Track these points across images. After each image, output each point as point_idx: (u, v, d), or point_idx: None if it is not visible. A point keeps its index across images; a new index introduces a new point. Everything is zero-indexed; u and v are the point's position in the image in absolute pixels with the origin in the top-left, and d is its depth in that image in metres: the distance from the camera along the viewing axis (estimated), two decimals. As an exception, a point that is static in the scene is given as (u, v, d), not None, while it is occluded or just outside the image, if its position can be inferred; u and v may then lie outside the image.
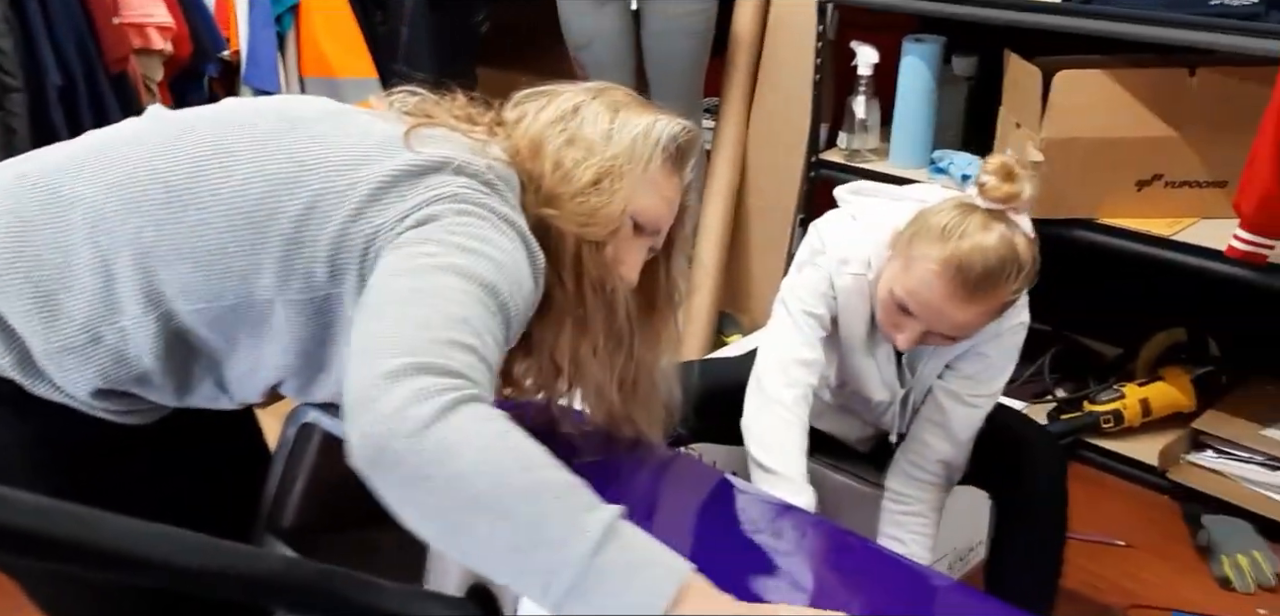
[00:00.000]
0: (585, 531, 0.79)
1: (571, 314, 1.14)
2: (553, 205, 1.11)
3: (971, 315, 1.40)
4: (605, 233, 1.12)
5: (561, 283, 1.12)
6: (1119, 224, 2.15)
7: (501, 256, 0.98)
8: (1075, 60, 2.14)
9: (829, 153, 2.60)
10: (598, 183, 1.11)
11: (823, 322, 1.55)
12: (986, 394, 1.57)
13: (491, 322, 0.93)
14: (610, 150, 1.12)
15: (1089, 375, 2.47)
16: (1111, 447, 2.29)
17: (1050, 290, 2.55)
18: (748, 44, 2.70)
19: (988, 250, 1.35)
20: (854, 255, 1.53)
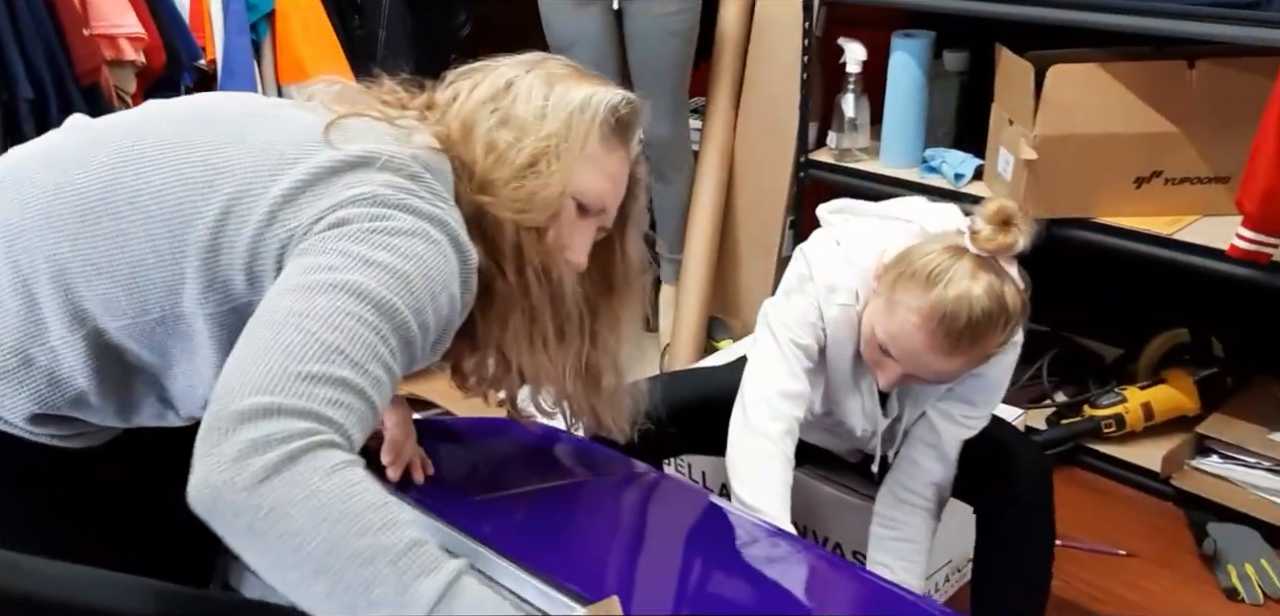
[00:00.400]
0: (418, 599, 0.79)
1: (517, 306, 1.08)
2: (488, 191, 1.05)
3: (954, 366, 1.34)
4: (545, 218, 1.06)
5: (503, 273, 1.07)
6: (1117, 223, 2.08)
7: (413, 267, 0.93)
8: (1069, 54, 2.07)
9: (819, 152, 2.53)
10: (533, 165, 1.05)
11: (810, 353, 1.48)
12: (981, 414, 1.51)
13: (381, 347, 0.89)
14: (545, 128, 1.06)
15: (1089, 377, 2.40)
16: (1113, 453, 2.22)
17: (1048, 289, 2.51)
18: (734, 43, 2.63)
19: (974, 301, 1.28)
20: (841, 284, 1.46)
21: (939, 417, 1.51)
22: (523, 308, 1.08)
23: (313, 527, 0.78)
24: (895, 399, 1.53)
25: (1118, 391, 2.25)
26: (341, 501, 0.80)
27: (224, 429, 0.80)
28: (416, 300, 0.92)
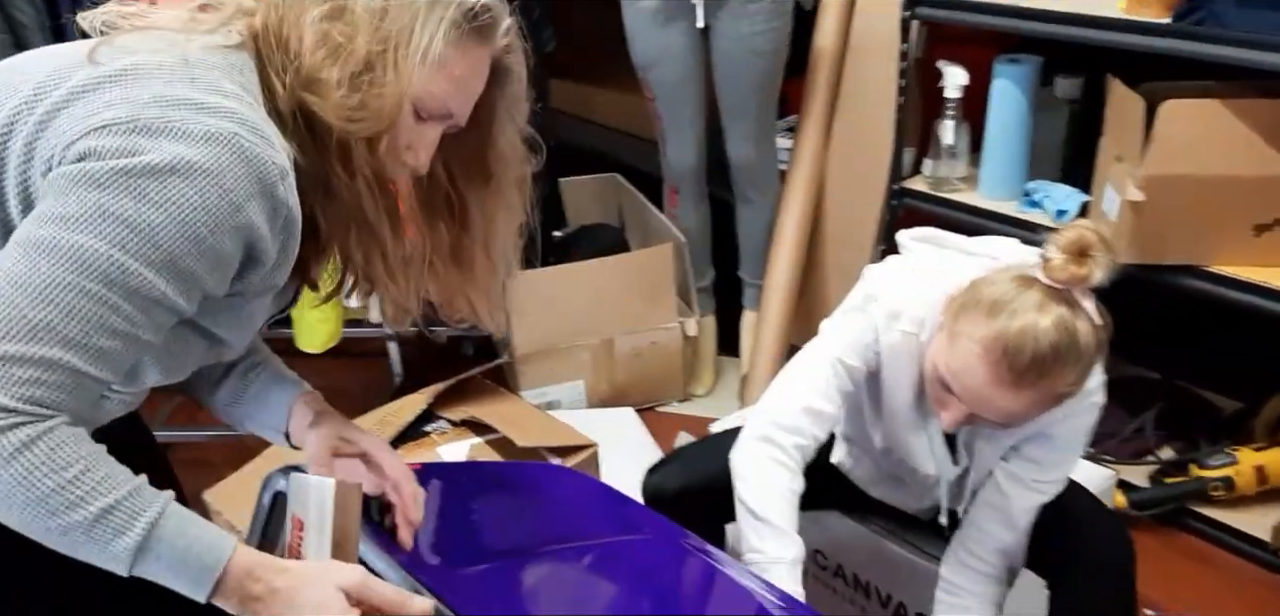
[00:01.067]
0: (117, 559, 0.87)
1: (353, 214, 1.00)
2: (314, 90, 0.95)
3: (1019, 404, 1.24)
4: (375, 129, 0.96)
5: (335, 173, 0.98)
6: (1233, 272, 1.92)
7: (163, 216, 0.85)
8: (1186, 87, 1.92)
9: (913, 180, 2.43)
10: (367, 69, 0.95)
11: (854, 376, 1.41)
12: (1052, 479, 1.41)
13: (110, 316, 0.85)
14: (384, 28, 0.95)
15: (1200, 433, 2.24)
16: (1220, 518, 2.07)
17: (1161, 333, 2.38)
18: (829, 62, 2.55)
19: (1040, 333, 1.19)
20: (905, 311, 1.38)
21: (1006, 479, 1.42)
22: (358, 218, 1.01)
23: (11, 516, 0.86)
24: (964, 449, 1.45)
25: (1228, 452, 2.09)
26: (25, 488, 0.84)
27: None
28: (164, 252, 0.86)
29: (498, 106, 1.09)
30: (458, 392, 2.04)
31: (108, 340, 0.86)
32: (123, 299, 0.86)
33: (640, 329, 2.61)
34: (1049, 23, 2.04)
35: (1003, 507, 1.42)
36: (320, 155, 0.97)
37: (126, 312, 0.87)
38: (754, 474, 1.39)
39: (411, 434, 1.93)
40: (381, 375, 2.76)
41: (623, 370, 2.62)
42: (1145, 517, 2.11)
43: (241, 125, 0.89)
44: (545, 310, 2.54)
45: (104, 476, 0.87)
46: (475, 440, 1.92)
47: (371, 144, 0.98)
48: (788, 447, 1.38)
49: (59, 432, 0.85)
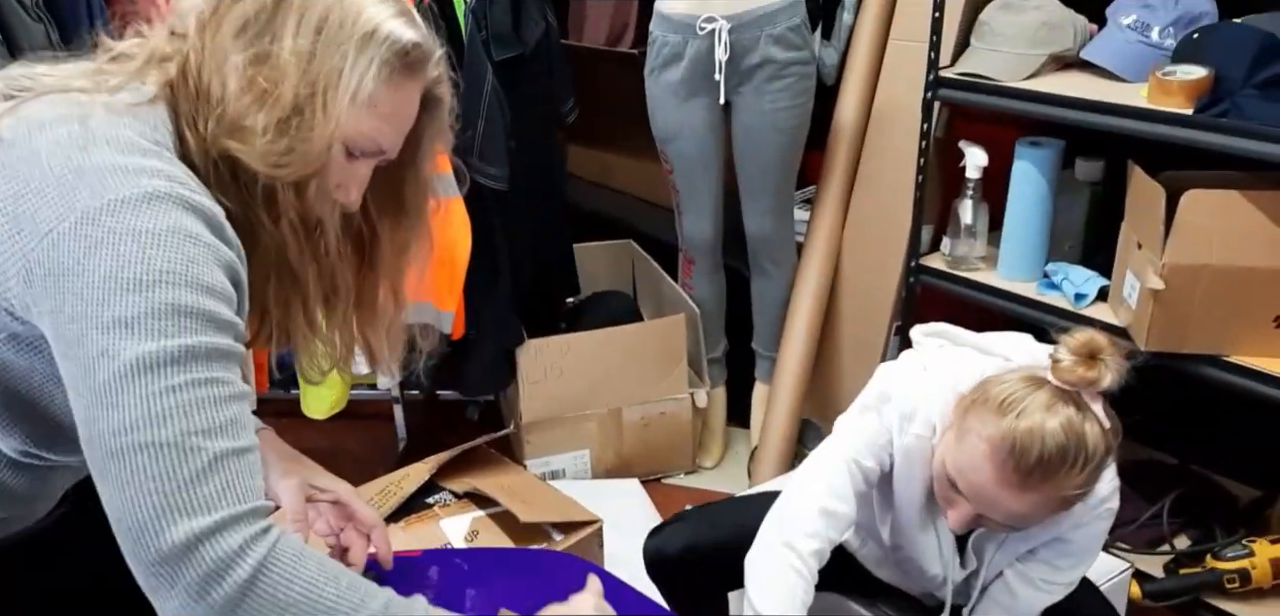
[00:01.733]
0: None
1: (276, 261, 0.98)
2: (238, 137, 0.92)
3: (1026, 506, 1.23)
4: (302, 173, 0.94)
5: (259, 220, 0.96)
6: (1253, 364, 1.90)
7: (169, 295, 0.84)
8: (1207, 177, 1.92)
9: (931, 257, 2.42)
10: (295, 114, 0.92)
11: (869, 476, 1.40)
12: (1063, 582, 1.39)
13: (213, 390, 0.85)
14: (312, 71, 0.92)
15: (1217, 521, 2.20)
16: (1236, 611, 2.02)
17: (1177, 420, 2.35)
18: (850, 136, 2.56)
19: (1048, 434, 1.19)
20: (919, 413, 1.38)
21: (1017, 580, 1.40)
22: (281, 265, 0.99)
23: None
24: (973, 551, 1.43)
25: (1245, 544, 2.05)
26: (311, 604, 0.84)
27: (162, 574, 0.81)
28: (196, 312, 0.85)
29: (424, 137, 1.06)
30: (461, 462, 2.00)
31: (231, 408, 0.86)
32: (202, 364, 0.85)
33: (649, 399, 2.59)
34: (1072, 109, 2.04)
35: (1010, 607, 1.40)
36: (243, 203, 0.95)
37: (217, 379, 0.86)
38: (768, 581, 1.36)
39: (414, 506, 1.90)
40: (386, 438, 2.74)
41: (630, 440, 2.60)
42: (1160, 608, 2.07)
43: (170, 180, 0.88)
44: (555, 379, 2.53)
45: (364, 580, 0.89)
46: (478, 513, 1.89)
47: (299, 188, 0.96)
48: (805, 555, 1.36)
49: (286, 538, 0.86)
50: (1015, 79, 2.13)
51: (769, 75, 2.35)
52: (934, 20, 2.20)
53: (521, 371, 2.51)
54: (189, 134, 0.94)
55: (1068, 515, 1.32)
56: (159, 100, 0.94)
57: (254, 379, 2.27)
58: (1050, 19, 2.14)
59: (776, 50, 2.32)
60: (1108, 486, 1.34)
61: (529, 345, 2.51)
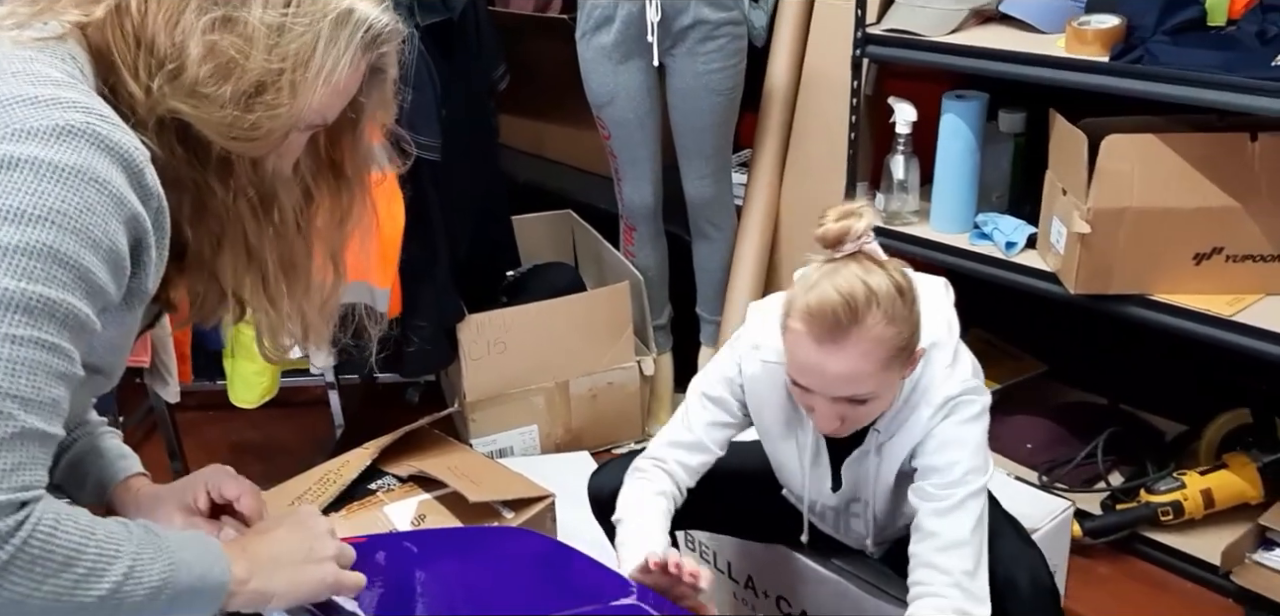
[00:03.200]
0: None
1: (231, 234, 0.95)
2: (197, 104, 0.87)
3: (847, 361, 1.31)
4: (264, 150, 0.91)
5: (212, 189, 0.92)
6: (1175, 301, 1.96)
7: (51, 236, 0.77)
8: (1126, 123, 1.97)
9: (865, 214, 2.45)
10: (260, 91, 0.87)
11: (723, 406, 1.53)
12: (953, 480, 1.41)
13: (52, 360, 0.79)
14: (283, 47, 0.87)
15: (1148, 457, 2.28)
16: (1171, 543, 2.10)
17: (1108, 360, 2.42)
18: (782, 98, 2.58)
19: (835, 289, 1.30)
20: (766, 341, 1.48)
21: (917, 498, 1.43)
22: (236, 238, 0.95)
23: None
24: (848, 474, 1.51)
25: (1176, 476, 2.12)
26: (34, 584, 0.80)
27: None
28: (71, 268, 0.79)
29: (366, 106, 1.03)
30: (404, 445, 1.97)
31: (58, 388, 0.80)
32: (55, 331, 0.79)
33: (596, 370, 2.60)
34: (994, 60, 2.09)
35: (929, 528, 1.42)
36: (194, 167, 0.91)
37: (63, 349, 0.80)
38: (622, 498, 1.53)
39: (356, 493, 1.86)
40: (322, 427, 2.66)
41: (578, 413, 2.61)
42: (1099, 545, 2.14)
43: (88, 113, 0.81)
44: (498, 354, 2.52)
45: (105, 539, 0.84)
46: (424, 496, 1.86)
47: (256, 162, 0.93)
48: (648, 471, 1.53)
49: (46, 511, 0.80)
50: (939, 33, 2.16)
51: (701, 36, 2.35)
52: (859, -21, 2.22)
53: (463, 349, 2.49)
54: (129, 83, 0.87)
55: (925, 407, 1.41)
56: (69, 38, 0.87)
57: (176, 368, 2.20)
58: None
59: (707, 10, 2.33)
60: (968, 395, 1.41)
61: (470, 321, 2.49)
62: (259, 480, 1.18)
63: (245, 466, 1.16)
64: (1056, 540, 1.91)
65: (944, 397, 1.41)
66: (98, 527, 0.85)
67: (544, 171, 3.21)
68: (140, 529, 0.88)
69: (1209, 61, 1.80)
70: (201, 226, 0.93)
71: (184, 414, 2.49)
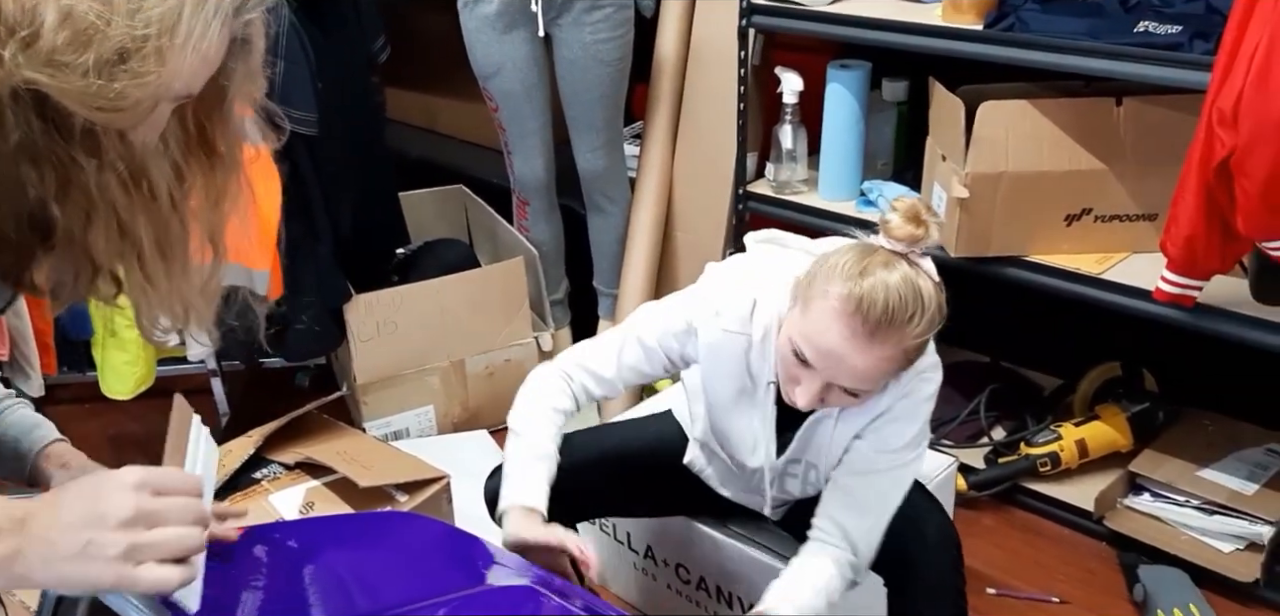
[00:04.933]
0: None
1: (102, 209, 0.89)
2: (54, 73, 0.80)
3: (872, 361, 1.30)
4: (132, 122, 0.86)
5: (77, 163, 0.86)
6: (1048, 261, 2.05)
7: None
8: (1001, 89, 2.04)
9: (757, 183, 2.48)
10: (121, 59, 0.81)
11: (653, 357, 1.52)
12: (892, 450, 1.45)
13: None
14: (145, 13, 0.81)
15: (1027, 412, 2.37)
16: (1049, 492, 2.19)
17: (987, 318, 2.51)
18: (672, 69, 2.58)
19: (890, 287, 1.27)
20: (730, 310, 1.46)
21: (856, 456, 1.46)
22: (107, 214, 0.89)
23: None
24: (800, 440, 1.50)
25: (1053, 428, 2.22)
26: None
27: None
28: None
29: (234, 80, 0.97)
30: (291, 432, 1.92)
31: None
32: None
33: (493, 347, 2.58)
34: (875, 30, 2.13)
35: (848, 487, 1.46)
36: (54, 141, 0.85)
37: None
38: (526, 401, 1.53)
39: (239, 483, 1.80)
40: (206, 415, 2.52)
41: (475, 391, 2.58)
42: (984, 497, 2.23)
43: None
44: (388, 334, 2.47)
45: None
46: (312, 483, 1.82)
47: (123, 136, 0.87)
48: (557, 388, 1.53)
49: None
50: (822, 3, 2.20)
51: (587, 6, 2.34)
52: (743, -51, 2.24)
53: (352, 330, 2.44)
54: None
55: (896, 383, 1.40)
56: None
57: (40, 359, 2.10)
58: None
59: (592, -19, 2.32)
60: (928, 358, 1.43)
61: (357, 301, 2.43)
62: None
63: (126, 459, 1.08)
64: (942, 494, 1.97)
65: (912, 370, 1.41)
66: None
67: (435, 146, 3.16)
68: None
69: (1076, 29, 1.87)
70: (69, 203, 0.87)
71: (55, 408, 2.35)
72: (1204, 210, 1.66)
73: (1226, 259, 1.73)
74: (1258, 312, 1.80)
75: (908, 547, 1.48)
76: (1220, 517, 2.00)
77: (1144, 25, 1.80)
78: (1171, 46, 1.75)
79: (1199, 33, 1.74)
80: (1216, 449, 2.13)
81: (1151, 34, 1.78)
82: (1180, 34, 1.75)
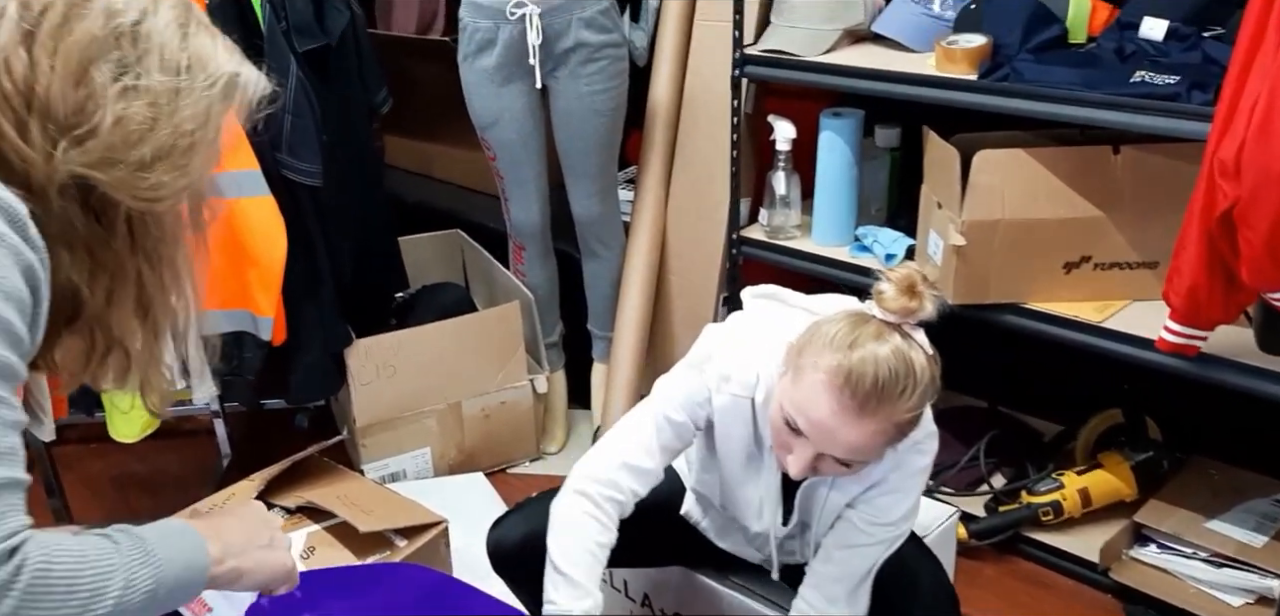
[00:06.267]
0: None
1: (123, 282, 0.97)
2: (105, 167, 0.89)
3: (863, 436, 1.28)
4: (165, 208, 0.95)
5: (108, 242, 0.94)
6: (1048, 308, 2.03)
7: None
8: (996, 138, 2.03)
9: (750, 229, 2.48)
10: (166, 155, 0.91)
11: (681, 432, 1.46)
12: (885, 522, 1.44)
13: (4, 389, 0.83)
14: (181, 112, 0.91)
15: (1028, 458, 2.35)
16: (1052, 541, 2.16)
17: (987, 364, 2.49)
18: (665, 116, 2.58)
19: (880, 360, 1.24)
20: (737, 374, 1.43)
21: (848, 528, 1.45)
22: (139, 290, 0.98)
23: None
24: (799, 506, 1.48)
25: (1055, 477, 2.19)
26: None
27: None
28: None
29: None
30: (292, 475, 1.93)
31: (10, 436, 0.84)
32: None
33: (489, 390, 2.57)
34: (867, 80, 2.13)
35: (845, 562, 1.45)
36: (92, 227, 0.92)
37: (8, 400, 0.83)
38: (564, 525, 1.42)
39: None
40: (208, 456, 2.57)
41: (471, 433, 2.57)
42: (985, 546, 2.20)
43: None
44: (388, 378, 2.47)
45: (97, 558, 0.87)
46: (313, 527, 1.83)
47: (159, 219, 0.96)
48: (601, 501, 1.42)
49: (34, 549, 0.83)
50: (814, 53, 2.20)
51: (583, 58, 2.34)
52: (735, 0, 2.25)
53: (352, 373, 2.44)
54: (19, 145, 0.87)
55: (892, 453, 1.38)
56: None
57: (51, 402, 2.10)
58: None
59: (588, 34, 2.32)
60: (924, 429, 1.41)
61: (358, 345, 2.44)
62: (146, 514, 1.17)
63: (131, 500, 1.16)
64: (944, 544, 1.95)
65: (912, 439, 1.38)
66: (87, 548, 0.88)
67: (433, 191, 3.17)
68: (123, 536, 0.92)
69: (1071, 79, 1.86)
70: (97, 283, 0.95)
71: (63, 448, 2.43)
72: (1207, 260, 1.65)
73: (1230, 309, 1.72)
74: (1263, 362, 1.78)
75: (902, 603, 1.46)
76: (1229, 570, 1.97)
77: (1140, 75, 1.80)
78: (1169, 97, 1.75)
79: (1197, 83, 1.73)
80: (1223, 499, 2.10)
81: (1148, 84, 1.78)
82: (1178, 84, 1.74)
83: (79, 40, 0.88)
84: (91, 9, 0.89)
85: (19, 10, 0.88)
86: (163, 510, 1.80)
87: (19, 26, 0.87)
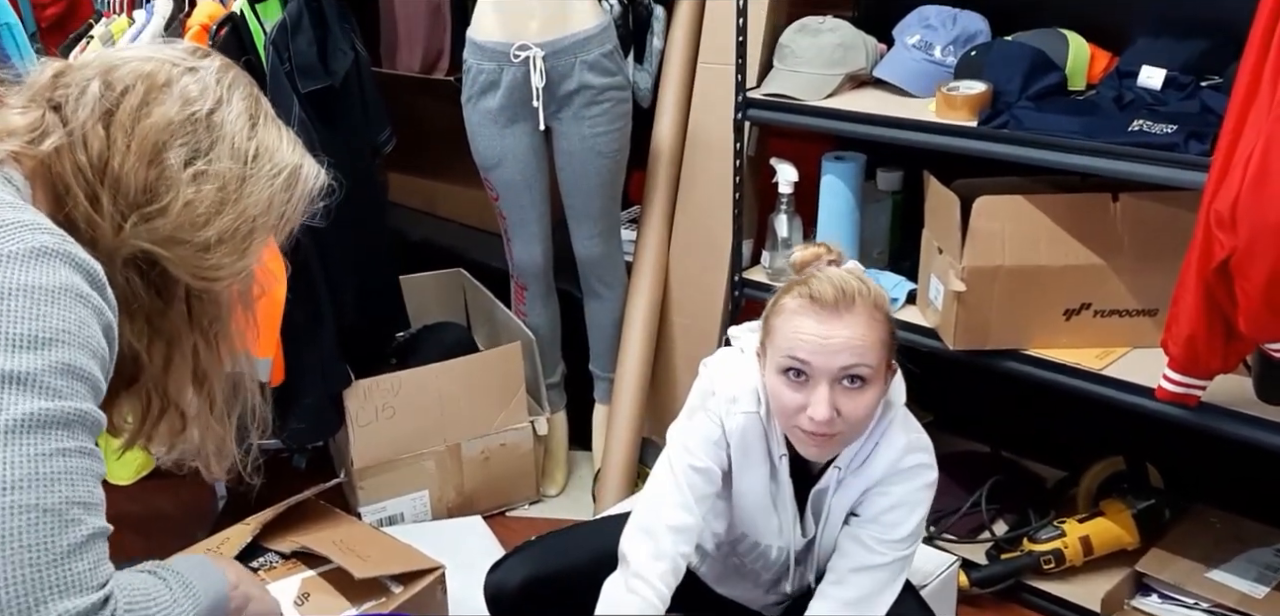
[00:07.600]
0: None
1: (180, 350, 1.02)
2: (171, 246, 0.95)
3: (851, 329, 1.37)
4: (223, 288, 1.01)
5: (167, 313, 0.99)
6: (1048, 355, 2.03)
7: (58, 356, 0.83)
8: (996, 183, 2.04)
9: (752, 271, 2.48)
10: (226, 240, 0.96)
11: (710, 477, 1.46)
12: (891, 540, 1.45)
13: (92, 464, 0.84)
14: (246, 199, 0.97)
15: (1030, 504, 2.33)
16: (1053, 590, 2.14)
17: (989, 409, 2.48)
18: (669, 157, 2.59)
19: (831, 275, 1.40)
20: (742, 392, 1.47)
21: (852, 544, 1.47)
22: (198, 366, 1.03)
23: None
24: (811, 510, 1.50)
25: (1056, 525, 2.18)
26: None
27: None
28: (86, 376, 0.85)
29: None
30: (288, 518, 1.91)
31: (98, 488, 0.86)
32: (86, 433, 0.85)
33: (489, 431, 2.56)
34: (868, 124, 2.14)
35: (855, 582, 1.46)
36: (154, 299, 0.97)
37: (94, 452, 0.86)
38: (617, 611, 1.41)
39: None
40: (203, 498, 2.55)
41: (470, 476, 2.56)
42: (986, 594, 2.18)
43: (51, 233, 0.86)
44: (386, 419, 2.45)
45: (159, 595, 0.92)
46: (308, 573, 1.81)
47: (216, 296, 1.01)
48: (654, 578, 1.40)
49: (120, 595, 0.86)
50: (816, 97, 2.21)
51: (586, 101, 2.36)
52: (738, 44, 2.27)
53: (350, 415, 2.43)
54: (92, 216, 0.92)
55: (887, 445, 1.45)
56: (7, 163, 0.92)
57: None
58: (844, 40, 2.24)
59: (592, 76, 2.34)
60: (922, 455, 1.47)
61: (357, 386, 2.43)
62: (139, 555, 1.16)
63: (124, 541, 1.15)
64: (944, 593, 1.94)
65: (905, 443, 1.46)
66: (148, 587, 0.92)
67: (435, 230, 3.17)
68: (166, 573, 0.96)
69: (1070, 127, 1.87)
70: (154, 348, 1.00)
71: None
72: (1205, 310, 1.65)
73: (1229, 358, 1.71)
74: (1263, 412, 1.78)
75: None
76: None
77: (1138, 124, 1.80)
78: (1167, 146, 1.75)
79: (1194, 133, 1.74)
80: (1224, 548, 2.09)
81: (1146, 132, 1.79)
82: (1175, 134, 1.75)
83: (156, 123, 0.93)
84: (170, 94, 0.95)
85: (101, 88, 0.94)
86: (156, 552, 1.79)
87: (100, 104, 0.93)
